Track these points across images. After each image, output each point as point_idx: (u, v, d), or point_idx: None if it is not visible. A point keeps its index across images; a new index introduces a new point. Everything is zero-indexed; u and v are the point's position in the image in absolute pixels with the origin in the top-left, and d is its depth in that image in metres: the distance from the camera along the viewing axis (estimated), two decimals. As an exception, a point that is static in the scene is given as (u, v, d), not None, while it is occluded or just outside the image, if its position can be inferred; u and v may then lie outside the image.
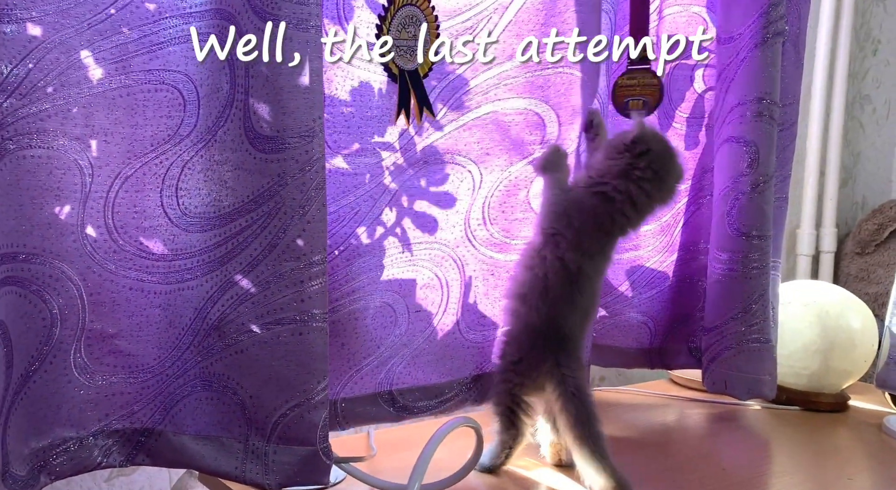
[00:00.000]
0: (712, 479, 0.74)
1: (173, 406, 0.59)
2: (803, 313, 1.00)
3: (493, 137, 0.78)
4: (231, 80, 0.57)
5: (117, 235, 0.57)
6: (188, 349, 0.59)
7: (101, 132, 0.56)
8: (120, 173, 0.57)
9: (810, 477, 0.77)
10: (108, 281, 0.57)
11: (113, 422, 0.58)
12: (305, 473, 0.57)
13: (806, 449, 0.86)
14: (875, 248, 1.47)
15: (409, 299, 0.75)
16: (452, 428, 0.56)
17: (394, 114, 0.71)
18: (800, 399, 1.01)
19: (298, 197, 0.56)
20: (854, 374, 1.01)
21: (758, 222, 0.92)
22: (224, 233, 0.58)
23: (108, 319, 0.57)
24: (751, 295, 0.92)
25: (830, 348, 0.98)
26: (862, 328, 0.99)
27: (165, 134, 0.58)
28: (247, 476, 0.58)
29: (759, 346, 0.93)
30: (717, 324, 0.95)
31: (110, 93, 0.56)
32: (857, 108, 1.57)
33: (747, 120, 0.91)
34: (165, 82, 0.57)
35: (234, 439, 0.58)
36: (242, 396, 0.58)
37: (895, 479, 0.77)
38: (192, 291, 0.59)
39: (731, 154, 0.93)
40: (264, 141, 0.56)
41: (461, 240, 0.78)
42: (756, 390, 0.94)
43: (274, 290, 0.57)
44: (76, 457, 0.56)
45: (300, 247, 0.56)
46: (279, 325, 0.57)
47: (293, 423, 0.57)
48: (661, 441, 0.85)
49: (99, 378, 0.57)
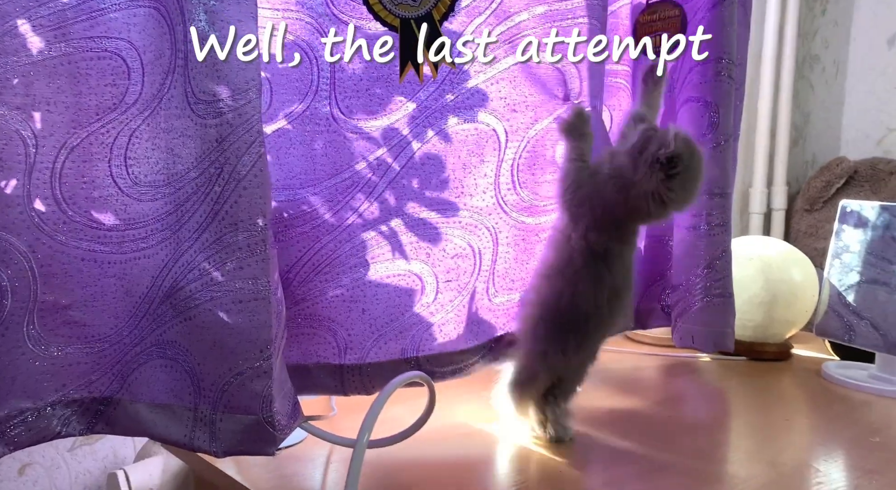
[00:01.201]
0: (659, 424, 0.78)
1: (130, 374, 0.60)
2: (747, 267, 1.04)
3: (519, 92, 0.75)
4: (172, 45, 0.56)
5: (66, 207, 0.57)
6: (144, 318, 0.60)
7: (42, 102, 0.55)
8: (66, 143, 0.56)
9: (752, 421, 0.81)
10: (59, 252, 0.56)
11: (70, 391, 0.58)
12: (250, 442, 0.58)
13: (750, 396, 0.91)
14: (823, 205, 1.53)
15: (439, 269, 0.74)
16: (402, 382, 0.58)
17: (397, 72, 0.67)
18: (746, 350, 1.05)
19: (234, 162, 0.56)
20: (796, 325, 1.05)
21: (720, 180, 0.94)
22: (174, 200, 0.58)
23: (61, 291, 0.57)
24: (714, 251, 0.95)
25: (773, 300, 1.02)
26: (803, 280, 1.04)
27: (111, 102, 0.57)
28: (195, 443, 0.58)
29: (723, 300, 0.96)
30: (683, 281, 0.98)
31: (50, 61, 0.55)
32: (806, 67, 1.60)
33: (707, 80, 0.93)
34: (108, 50, 0.56)
35: (185, 407, 0.59)
36: (192, 364, 0.59)
37: (828, 419, 0.82)
38: (149, 260, 0.59)
39: (692, 114, 0.95)
40: (203, 105, 0.55)
41: (493, 207, 0.76)
42: (721, 343, 0.97)
43: (216, 259, 0.57)
44: (34, 427, 0.57)
45: (237, 214, 0.56)
46: (221, 293, 0.57)
47: (236, 391, 0.58)
48: (615, 392, 0.89)
49: (54, 349, 0.57)
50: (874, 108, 1.63)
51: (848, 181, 1.51)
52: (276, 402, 0.59)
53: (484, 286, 0.78)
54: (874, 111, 1.63)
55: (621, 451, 0.70)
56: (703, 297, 0.95)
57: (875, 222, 0.98)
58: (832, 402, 0.88)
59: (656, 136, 0.67)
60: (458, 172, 0.73)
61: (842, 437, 0.76)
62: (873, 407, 0.86)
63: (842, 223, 1.03)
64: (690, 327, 0.97)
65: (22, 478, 0.74)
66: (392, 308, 0.71)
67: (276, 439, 0.58)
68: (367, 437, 0.53)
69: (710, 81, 0.92)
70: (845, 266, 1.00)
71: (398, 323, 0.72)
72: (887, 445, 0.73)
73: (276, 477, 0.62)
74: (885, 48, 1.61)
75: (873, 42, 1.62)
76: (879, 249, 0.97)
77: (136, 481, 0.73)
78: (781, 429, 0.78)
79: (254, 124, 0.56)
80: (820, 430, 0.79)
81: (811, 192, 1.54)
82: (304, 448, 0.69)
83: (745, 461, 0.68)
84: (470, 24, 0.72)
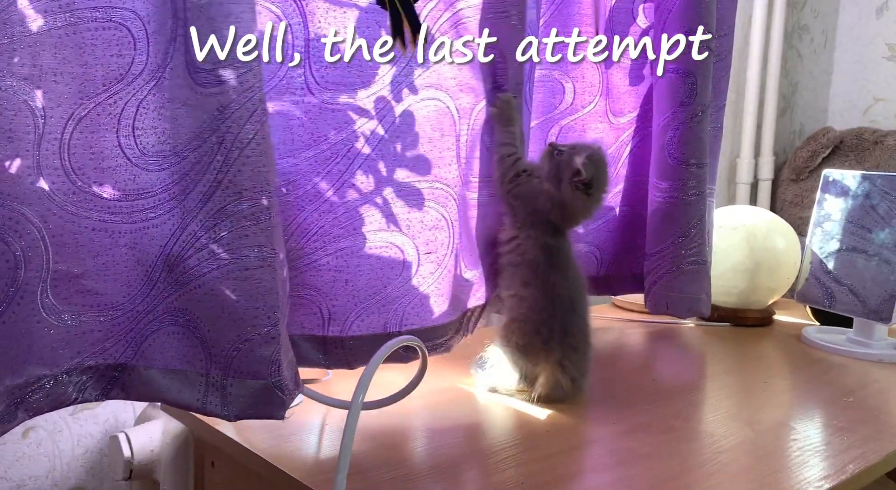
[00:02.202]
0: (642, 387, 0.81)
1: (143, 341, 0.61)
2: (732, 236, 1.07)
3: (464, 74, 0.77)
4: (173, 13, 0.57)
5: (76, 177, 0.57)
6: (156, 286, 0.61)
7: (49, 72, 0.55)
8: (73, 114, 0.56)
9: (731, 383, 0.84)
10: (69, 222, 0.57)
11: (86, 359, 0.60)
12: (260, 406, 0.59)
13: (732, 360, 0.94)
14: (809, 175, 1.55)
15: (420, 241, 0.75)
16: (395, 345, 0.60)
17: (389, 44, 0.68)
18: (730, 316, 1.09)
19: (237, 131, 0.56)
20: (779, 291, 1.08)
21: (696, 151, 0.96)
22: (180, 170, 0.59)
23: (73, 260, 0.58)
24: (689, 220, 0.98)
25: (757, 268, 1.05)
26: (786, 248, 1.06)
27: (118, 73, 0.57)
28: (207, 408, 0.60)
29: (697, 268, 0.99)
30: (659, 249, 1.00)
31: (56, 32, 0.54)
32: (795, 37, 1.61)
33: (685, 51, 0.94)
34: (113, 20, 0.56)
35: (197, 373, 0.61)
36: (203, 331, 0.60)
37: (805, 380, 0.85)
38: (157, 229, 0.60)
39: (670, 85, 0.97)
40: (203, 74, 0.56)
41: (456, 179, 0.78)
42: (695, 309, 1.00)
43: (221, 227, 0.58)
44: (52, 393, 0.58)
45: (241, 182, 0.57)
46: (227, 261, 0.58)
47: (245, 357, 0.59)
48: (601, 357, 0.91)
49: (68, 317, 0.58)
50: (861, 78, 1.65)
51: (834, 151, 1.53)
52: (284, 367, 0.61)
53: (454, 260, 0.80)
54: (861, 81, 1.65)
55: (605, 412, 0.73)
56: (678, 265, 0.98)
57: (855, 191, 1.01)
58: (810, 364, 0.91)
59: (564, 161, 0.75)
60: (426, 145, 0.75)
61: (817, 398, 0.79)
62: (849, 369, 0.89)
63: (824, 192, 1.05)
64: (665, 294, 1.00)
65: (25, 440, 0.76)
66: (375, 280, 0.72)
67: (284, 403, 0.60)
68: (362, 398, 0.56)
69: (687, 52, 0.94)
70: (826, 234, 1.03)
71: (381, 296, 0.73)
72: (860, 405, 0.77)
73: (273, 438, 0.64)
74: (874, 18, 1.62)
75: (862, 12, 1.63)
76: (859, 218, 0.99)
77: (137, 444, 0.75)
78: (760, 390, 0.81)
79: (255, 92, 0.56)
80: (797, 391, 0.82)
81: (797, 162, 1.56)
82: (299, 410, 0.71)
83: (724, 420, 0.71)
84: (423, 9, 0.73)
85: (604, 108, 1.02)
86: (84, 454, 0.80)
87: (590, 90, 1.00)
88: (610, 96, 1.02)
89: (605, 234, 1.06)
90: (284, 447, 0.63)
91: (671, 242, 0.99)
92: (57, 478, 0.79)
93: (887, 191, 0.97)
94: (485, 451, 0.63)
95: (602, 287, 1.09)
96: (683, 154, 0.96)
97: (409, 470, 0.59)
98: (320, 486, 0.56)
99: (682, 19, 0.94)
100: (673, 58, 0.87)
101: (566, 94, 0.99)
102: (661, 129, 0.98)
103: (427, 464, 0.60)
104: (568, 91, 0.99)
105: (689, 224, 0.98)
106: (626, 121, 1.04)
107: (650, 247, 1.02)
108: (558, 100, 0.99)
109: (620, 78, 1.02)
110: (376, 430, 0.67)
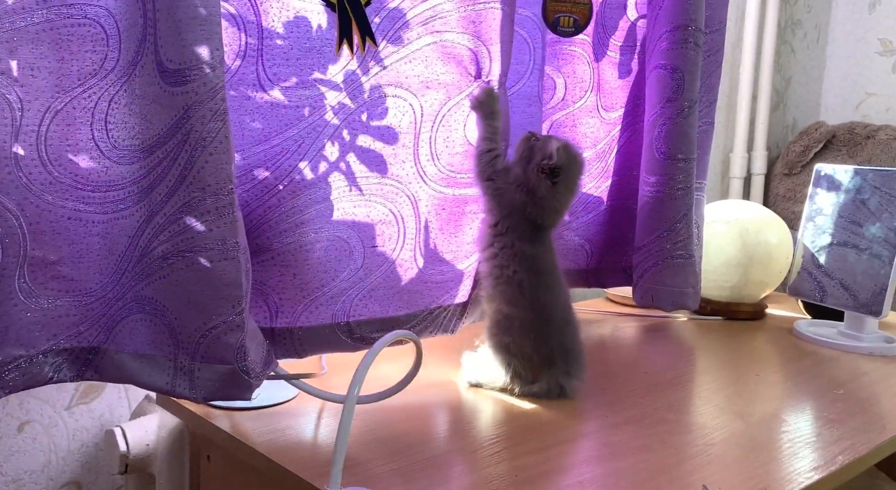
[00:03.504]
0: (635, 380, 0.82)
1: (114, 327, 0.64)
2: (726, 231, 1.07)
3: (432, 71, 0.79)
4: (143, 13, 0.58)
5: (52, 168, 0.59)
6: (125, 274, 0.63)
7: (27, 66, 0.56)
8: (50, 107, 0.58)
9: (723, 376, 0.85)
10: (46, 211, 0.59)
11: (61, 341, 0.62)
12: (227, 389, 0.62)
13: (724, 353, 0.95)
14: (801, 169, 1.56)
15: (365, 234, 0.77)
16: (391, 339, 0.60)
17: (335, 45, 0.72)
18: (722, 309, 1.09)
19: (200, 129, 0.58)
20: (771, 285, 1.09)
21: (683, 146, 0.97)
22: (147, 165, 0.61)
23: (50, 247, 0.60)
24: (675, 214, 0.99)
25: (749, 262, 1.06)
26: (778, 243, 1.07)
27: (92, 68, 0.59)
28: (176, 390, 0.63)
29: (683, 262, 1.00)
30: (645, 242, 1.01)
31: (33, 27, 0.56)
32: (788, 32, 1.61)
33: (673, 47, 0.95)
34: (88, 16, 0.58)
35: (165, 357, 0.63)
36: (170, 318, 0.62)
37: (796, 373, 0.86)
38: (126, 220, 0.62)
39: (658, 81, 0.97)
40: (170, 74, 0.58)
41: (413, 176, 0.80)
42: (680, 302, 1.01)
43: (186, 221, 0.60)
44: (28, 372, 0.60)
45: (204, 178, 0.59)
46: (192, 253, 0.60)
47: (212, 343, 0.62)
48: (595, 351, 0.92)
49: (44, 301, 0.61)
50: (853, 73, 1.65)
51: (826, 145, 1.54)
52: (251, 352, 0.63)
53: (411, 255, 0.82)
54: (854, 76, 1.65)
55: (597, 405, 0.73)
56: (664, 258, 0.99)
57: (847, 186, 1.01)
58: (802, 357, 0.92)
59: (538, 146, 0.75)
60: (377, 144, 0.77)
61: (808, 390, 0.80)
62: (840, 362, 0.90)
63: (816, 187, 1.06)
64: (651, 286, 1.01)
65: (21, 435, 0.76)
66: (322, 273, 0.75)
67: (251, 386, 0.63)
68: (357, 392, 0.56)
69: (676, 48, 0.94)
70: (818, 228, 1.04)
71: (329, 288, 0.75)
72: (850, 397, 0.77)
73: (268, 431, 0.65)
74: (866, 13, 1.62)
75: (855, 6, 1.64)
76: (850, 212, 1.00)
77: (132, 438, 0.75)
78: (752, 383, 0.82)
79: (218, 92, 0.58)
80: (788, 383, 0.83)
81: (790, 157, 1.57)
82: (295, 404, 0.72)
83: (716, 413, 0.72)
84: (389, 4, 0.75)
85: (595, 104, 1.03)
86: (80, 448, 0.81)
87: (581, 85, 1.01)
88: (601, 91, 1.03)
89: (596, 227, 1.07)
90: (280, 441, 0.63)
91: (658, 236, 1.00)
92: (52, 472, 0.79)
93: (878, 185, 0.97)
94: (479, 444, 0.64)
95: (592, 280, 1.10)
96: (670, 149, 0.97)
97: (404, 462, 0.60)
98: (316, 479, 0.56)
99: (673, 14, 0.94)
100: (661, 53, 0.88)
101: (557, 90, 0.99)
102: (651, 125, 0.99)
103: (422, 456, 0.61)
104: (559, 86, 0.99)
105: (676, 218, 0.99)
106: (617, 116, 1.05)
107: (638, 240, 1.02)
108: (550, 95, 0.99)
109: (611, 73, 1.03)
110: (371, 423, 0.67)
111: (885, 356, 0.92)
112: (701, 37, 0.94)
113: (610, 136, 1.05)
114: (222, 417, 0.68)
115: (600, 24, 1.00)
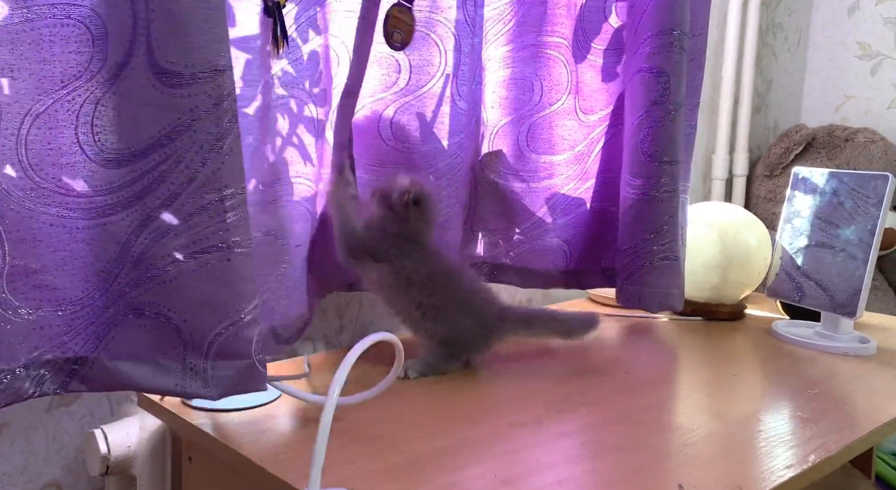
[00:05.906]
0: (615, 380, 0.82)
1: (106, 334, 0.62)
2: (706, 232, 1.09)
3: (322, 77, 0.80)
4: (133, 14, 0.57)
5: (33, 173, 0.58)
6: (115, 281, 0.62)
7: (6, 68, 0.55)
8: (31, 110, 0.57)
9: (702, 376, 0.86)
10: (27, 218, 0.58)
11: (44, 353, 0.60)
12: (244, 383, 0.63)
13: (703, 353, 0.96)
14: (782, 171, 1.58)
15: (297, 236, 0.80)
16: (371, 342, 0.61)
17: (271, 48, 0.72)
18: (702, 310, 1.11)
19: (214, 130, 0.58)
20: (750, 286, 1.11)
21: (669, 149, 0.98)
22: (140, 168, 0.59)
23: (31, 256, 0.58)
24: (662, 216, 0.99)
25: (729, 264, 1.07)
26: (758, 244, 1.08)
27: (76, 70, 0.58)
28: (187, 390, 0.62)
29: (669, 263, 1.01)
30: (632, 245, 1.02)
31: (13, 27, 0.55)
32: (769, 35, 1.63)
33: (659, 51, 0.95)
34: (71, 17, 0.57)
35: (172, 360, 0.62)
36: (177, 321, 0.61)
37: (773, 373, 0.87)
38: (115, 226, 0.61)
39: (643, 84, 0.98)
40: (173, 77, 0.57)
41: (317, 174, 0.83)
42: (666, 303, 1.02)
43: (197, 221, 0.59)
44: (8, 388, 0.58)
45: (220, 179, 0.59)
46: (206, 253, 0.60)
47: (229, 340, 0.62)
48: (575, 351, 0.93)
49: (25, 313, 0.59)
50: (833, 76, 1.68)
51: (806, 148, 1.56)
52: (261, 344, 0.64)
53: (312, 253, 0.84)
54: (833, 79, 1.68)
55: (577, 405, 0.74)
56: (650, 261, 1.00)
57: (824, 188, 1.03)
58: (779, 357, 0.93)
59: (387, 190, 0.81)
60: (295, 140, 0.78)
61: (785, 390, 0.81)
62: (816, 361, 0.91)
63: (794, 189, 1.07)
64: (638, 289, 1.02)
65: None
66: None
67: (265, 377, 0.64)
68: (337, 394, 0.56)
69: (661, 52, 0.95)
70: (796, 230, 1.05)
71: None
72: (824, 396, 0.79)
73: (250, 433, 0.65)
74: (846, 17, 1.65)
75: (835, 10, 1.66)
76: (827, 214, 1.01)
77: (113, 440, 0.75)
78: (730, 383, 0.83)
79: (230, 95, 0.58)
80: (766, 383, 0.84)
81: (771, 159, 1.59)
82: (277, 406, 0.72)
83: (694, 412, 0.73)
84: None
85: (573, 106, 1.03)
86: (60, 450, 0.80)
87: (557, 88, 1.01)
88: (580, 94, 1.03)
89: (575, 228, 1.08)
90: (261, 442, 0.63)
91: (643, 238, 1.01)
92: (32, 474, 0.79)
93: (854, 188, 0.99)
94: (459, 443, 0.64)
95: (572, 281, 1.10)
96: (657, 152, 0.98)
97: (384, 463, 0.60)
98: (296, 480, 0.56)
99: (656, 19, 0.95)
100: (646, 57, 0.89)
101: (534, 92, 1.00)
102: (635, 128, 1.00)
103: (402, 457, 0.61)
104: (536, 88, 1.00)
105: (662, 220, 1.00)
106: (597, 118, 1.06)
107: (622, 242, 1.03)
108: (527, 97, 1.00)
109: (591, 76, 1.03)
110: (352, 424, 0.68)
111: (860, 356, 0.94)
112: (687, 40, 0.95)
113: (589, 138, 1.06)
114: (204, 419, 0.68)
115: (580, 28, 1.00)
